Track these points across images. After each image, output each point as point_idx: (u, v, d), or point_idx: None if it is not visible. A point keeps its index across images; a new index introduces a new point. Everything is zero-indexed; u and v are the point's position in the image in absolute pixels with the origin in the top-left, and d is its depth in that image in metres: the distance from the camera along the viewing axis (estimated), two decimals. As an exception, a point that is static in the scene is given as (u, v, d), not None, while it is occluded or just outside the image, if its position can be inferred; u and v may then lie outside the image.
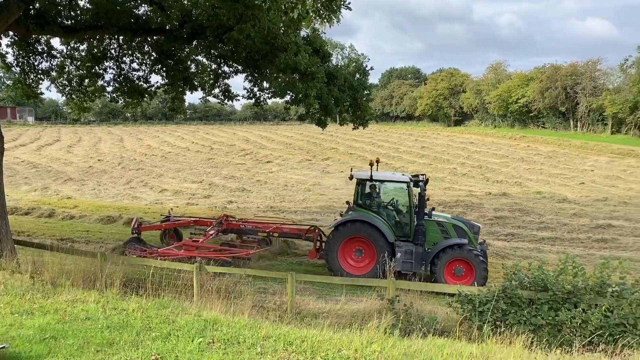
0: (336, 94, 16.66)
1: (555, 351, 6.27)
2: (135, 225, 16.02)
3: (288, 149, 55.00)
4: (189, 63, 16.52)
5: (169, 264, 11.55)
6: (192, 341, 5.88)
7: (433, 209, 15.11)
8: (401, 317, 8.71)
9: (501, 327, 7.78)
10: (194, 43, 15.42)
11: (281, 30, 13.40)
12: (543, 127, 68.15)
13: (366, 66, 18.67)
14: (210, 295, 9.49)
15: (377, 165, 14.75)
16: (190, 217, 18.57)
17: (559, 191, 30.42)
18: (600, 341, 7.42)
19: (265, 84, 16.20)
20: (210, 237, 15.87)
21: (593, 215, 23.87)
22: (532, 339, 7.34)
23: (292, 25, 11.89)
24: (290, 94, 15.05)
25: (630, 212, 24.59)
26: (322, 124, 18.07)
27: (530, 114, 69.29)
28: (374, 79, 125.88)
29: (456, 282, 13.08)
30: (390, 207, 14.87)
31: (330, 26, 10.33)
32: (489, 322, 7.87)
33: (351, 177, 14.76)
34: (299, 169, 41.14)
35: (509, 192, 30.34)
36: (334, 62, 19.58)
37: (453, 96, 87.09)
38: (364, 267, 14.00)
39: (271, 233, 16.06)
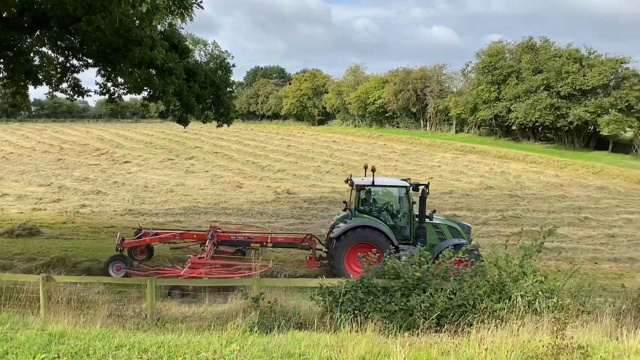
0: (197, 91, 16.24)
1: (403, 334, 6.74)
2: (119, 242, 14.68)
3: (148, 148, 52.59)
4: (31, 55, 14.97)
5: (10, 276, 10.42)
6: (34, 358, 5.36)
7: (434, 211, 15.51)
8: (265, 314, 8.77)
9: (359, 316, 8.17)
10: (36, 33, 14.00)
11: (136, 24, 12.71)
12: (397, 126, 73.04)
13: (228, 63, 18.47)
14: (60, 307, 8.74)
15: (365, 172, 15.03)
16: (174, 230, 17.03)
17: (412, 186, 32.78)
18: (445, 322, 8.12)
19: (120, 79, 15.28)
20: (210, 252, 14.58)
21: (440, 207, 26.09)
22: (387, 324, 7.82)
23: (146, 19, 11.34)
24: (148, 90, 14.37)
25: (472, 203, 27.34)
26: (183, 121, 17.56)
27: (386, 115, 73.90)
28: (239, 77, 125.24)
29: None
30: (390, 212, 15.00)
31: (183, 22, 10.05)
32: (347, 311, 8.22)
33: (352, 183, 14.77)
34: (161, 169, 39.51)
35: (368, 187, 32.00)
36: (197, 58, 19.09)
37: (316, 96, 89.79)
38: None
39: (265, 243, 15.39)
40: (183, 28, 15.61)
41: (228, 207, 25.78)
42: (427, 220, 14.66)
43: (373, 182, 14.34)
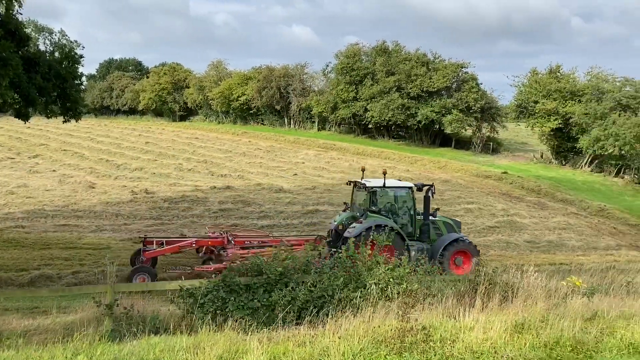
0: (40, 83, 14.93)
1: (263, 329, 6.82)
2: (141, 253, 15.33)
3: (-17, 146, 46.90)
4: None
5: None
6: None
7: (437, 209, 16.85)
8: (121, 321, 8.30)
9: (221, 316, 8.07)
10: None
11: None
12: (262, 123, 73.29)
13: (76, 53, 17.20)
14: None
15: (363, 174, 16.59)
16: (190, 237, 17.25)
17: (276, 182, 33.23)
18: (306, 314, 8.35)
19: (-58, 68, 13.41)
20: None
21: (304, 202, 26.83)
22: (249, 322, 7.82)
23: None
24: (-22, 81, 12.79)
25: (333, 197, 28.42)
26: (24, 116, 16.19)
27: (251, 112, 73.72)
28: (90, 69, 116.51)
29: (459, 271, 14.48)
30: (396, 211, 16.11)
31: (12, 9, 9.04)
32: (208, 312, 8.08)
33: (364, 186, 15.77)
34: (-1, 169, 35.46)
35: (233, 185, 31.80)
36: (40, 47, 17.54)
37: (177, 91, 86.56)
38: None
39: (276, 246, 15.29)
40: (22, 14, 14.16)
41: (79, 209, 23.98)
42: (435, 217, 16.23)
43: (384, 184, 15.63)
